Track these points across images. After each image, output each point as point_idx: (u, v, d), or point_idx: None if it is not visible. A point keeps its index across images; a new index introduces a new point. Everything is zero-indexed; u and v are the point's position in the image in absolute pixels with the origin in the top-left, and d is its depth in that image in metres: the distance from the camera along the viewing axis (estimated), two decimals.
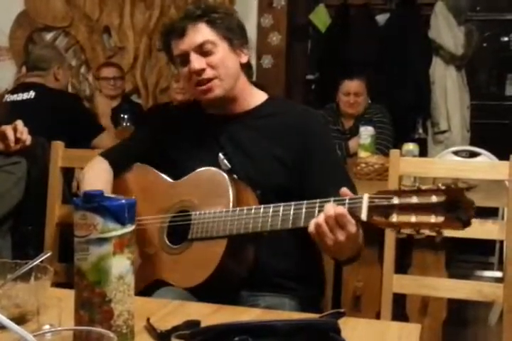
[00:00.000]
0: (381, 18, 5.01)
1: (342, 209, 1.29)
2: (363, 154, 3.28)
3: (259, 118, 1.67)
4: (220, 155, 1.64)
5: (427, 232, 1.21)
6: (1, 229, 2.02)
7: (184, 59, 1.62)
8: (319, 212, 1.33)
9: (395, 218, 1.22)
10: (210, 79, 1.61)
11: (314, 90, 5.04)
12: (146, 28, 4.49)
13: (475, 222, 1.80)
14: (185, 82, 1.66)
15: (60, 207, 2.05)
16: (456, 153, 3.94)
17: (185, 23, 1.61)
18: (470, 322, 3.39)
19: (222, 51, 1.61)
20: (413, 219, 1.20)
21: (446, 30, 4.67)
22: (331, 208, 1.30)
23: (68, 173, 2.37)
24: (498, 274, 3.81)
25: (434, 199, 1.18)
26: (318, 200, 1.36)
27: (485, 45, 5.30)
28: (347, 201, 1.31)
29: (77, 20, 4.57)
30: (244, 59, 1.67)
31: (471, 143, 4.52)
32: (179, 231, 1.58)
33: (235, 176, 1.59)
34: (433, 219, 1.18)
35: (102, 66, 4.28)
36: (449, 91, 4.69)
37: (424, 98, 4.71)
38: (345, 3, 5.02)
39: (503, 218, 3.18)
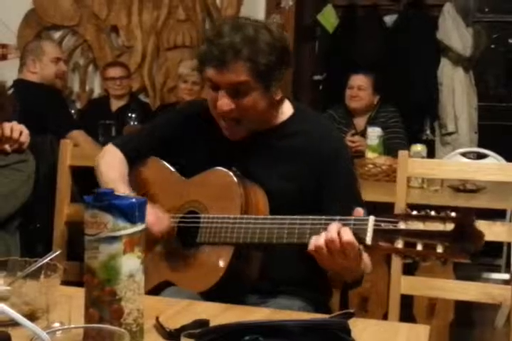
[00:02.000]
0: (389, 19, 5.00)
1: (350, 237, 1.27)
2: (370, 155, 3.27)
3: (281, 138, 1.61)
4: (233, 168, 1.59)
5: (432, 260, 1.18)
6: (9, 227, 2.02)
7: (214, 86, 1.53)
8: (324, 229, 1.31)
9: (400, 244, 1.19)
10: (237, 120, 1.55)
11: (321, 91, 5.04)
12: (154, 28, 4.49)
13: (483, 223, 1.80)
14: (210, 103, 1.58)
15: (68, 205, 2.05)
16: (463, 154, 3.93)
17: (227, 55, 1.46)
18: (477, 324, 3.37)
19: (255, 95, 1.52)
20: (419, 247, 1.17)
21: (454, 32, 4.67)
22: (335, 231, 1.28)
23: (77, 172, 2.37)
24: (506, 276, 3.80)
25: (441, 227, 1.15)
26: (324, 217, 1.35)
27: (493, 46, 5.29)
28: (352, 222, 1.29)
29: (85, 20, 4.57)
30: (278, 96, 1.57)
31: (479, 145, 4.51)
32: (187, 233, 1.58)
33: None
34: (439, 249, 1.16)
35: (108, 66, 4.28)
36: (457, 93, 4.69)
37: (431, 99, 4.70)
38: (353, 4, 5.02)
39: (510, 220, 3.18)
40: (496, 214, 2.89)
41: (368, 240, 1.25)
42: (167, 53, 4.52)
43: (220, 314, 1.27)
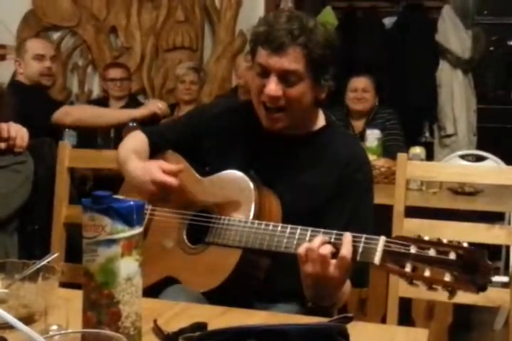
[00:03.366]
0: (388, 21, 5.02)
1: (326, 251, 1.29)
2: (369, 157, 3.26)
3: (308, 147, 1.60)
4: (252, 172, 1.59)
5: (439, 288, 1.17)
6: (7, 228, 2.01)
7: (264, 71, 1.51)
8: (333, 244, 1.32)
9: (408, 268, 1.19)
10: (279, 109, 1.53)
11: None
12: (153, 29, 4.50)
13: (481, 226, 1.80)
14: (253, 91, 1.56)
15: (67, 207, 2.05)
16: (462, 157, 3.93)
17: (285, 39, 1.46)
18: (476, 327, 3.37)
19: (304, 86, 1.51)
20: (427, 273, 1.17)
21: (453, 34, 4.68)
22: (317, 242, 1.31)
23: (75, 173, 2.37)
24: (505, 279, 3.79)
25: (452, 256, 1.15)
26: (335, 232, 1.34)
27: (492, 48, 5.30)
28: (363, 239, 1.30)
29: (84, 20, 4.58)
30: (322, 95, 1.56)
31: (478, 147, 4.52)
32: (197, 231, 1.57)
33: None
34: (447, 277, 1.15)
35: (109, 67, 4.27)
36: (456, 95, 4.69)
37: (430, 101, 4.71)
38: (352, 6, 5.03)
39: (509, 223, 3.18)
40: (494, 217, 2.89)
41: (377, 260, 1.25)
42: (166, 54, 4.52)
43: (219, 317, 1.26)
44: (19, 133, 2.01)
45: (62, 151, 2.07)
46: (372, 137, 3.35)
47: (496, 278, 4.04)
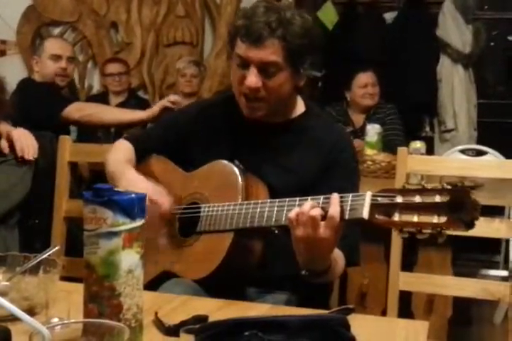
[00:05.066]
0: (389, 16, 5.01)
1: (316, 213, 1.30)
2: (369, 152, 3.27)
3: (289, 133, 1.64)
4: (236, 161, 1.61)
5: (429, 232, 1.19)
6: (8, 222, 2.02)
7: (243, 63, 1.54)
8: (322, 208, 1.33)
9: (397, 217, 1.20)
10: (259, 99, 1.56)
11: (321, 87, 5.04)
12: (154, 24, 4.49)
13: (481, 220, 1.80)
14: (234, 81, 1.60)
15: (67, 201, 2.05)
16: (462, 151, 3.94)
17: (263, 31, 1.49)
18: (475, 321, 3.38)
19: (283, 77, 1.54)
20: (415, 218, 1.18)
21: (453, 29, 4.67)
22: (307, 206, 1.31)
23: (76, 168, 2.37)
24: (504, 273, 3.80)
25: (437, 198, 1.16)
26: (322, 196, 1.35)
27: (492, 43, 5.28)
28: (350, 198, 1.31)
29: (84, 16, 4.57)
30: (301, 83, 1.60)
31: (478, 142, 4.52)
32: (189, 224, 1.59)
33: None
34: (435, 219, 1.16)
35: (107, 62, 4.28)
36: (456, 90, 4.69)
37: (431, 96, 4.70)
38: (353, 1, 5.02)
39: (509, 217, 3.18)
40: (494, 211, 2.89)
41: (365, 215, 1.26)
42: (166, 49, 4.52)
43: (219, 310, 1.27)
44: (29, 143, 2.03)
45: (63, 145, 2.07)
46: (373, 132, 3.35)
47: (495, 272, 4.06)
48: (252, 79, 1.53)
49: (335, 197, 1.32)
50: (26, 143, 2.05)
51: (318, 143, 1.62)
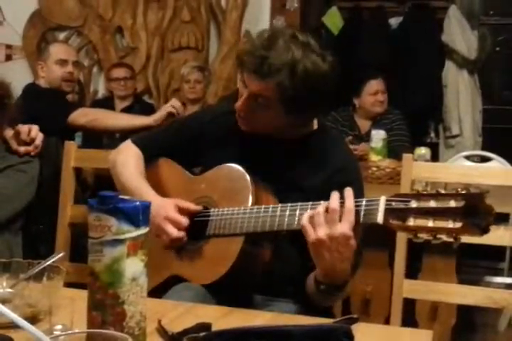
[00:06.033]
0: (394, 22, 5.01)
1: (335, 205, 1.29)
2: (374, 158, 3.27)
3: (299, 148, 1.62)
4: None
5: (444, 238, 1.19)
6: (12, 227, 2.02)
7: (244, 83, 1.55)
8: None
9: (411, 222, 1.20)
10: (246, 119, 1.58)
11: None
12: (159, 29, 4.50)
13: None
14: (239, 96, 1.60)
15: (72, 207, 2.05)
16: (467, 157, 3.93)
17: (263, 68, 1.47)
18: (479, 328, 3.37)
19: (272, 113, 1.53)
20: (430, 223, 1.18)
21: (459, 34, 4.67)
22: (322, 206, 1.31)
23: (81, 173, 2.37)
24: (509, 280, 3.80)
25: (452, 204, 1.16)
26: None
27: (498, 49, 5.28)
28: (364, 203, 1.31)
29: (90, 20, 4.58)
30: (298, 122, 1.58)
31: (483, 148, 4.50)
32: (198, 227, 1.58)
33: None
34: (451, 224, 1.16)
35: (113, 67, 4.29)
36: (462, 96, 4.68)
37: (436, 102, 4.70)
38: (358, 6, 5.03)
39: None
40: (499, 218, 2.88)
41: (380, 219, 1.25)
42: (171, 54, 4.53)
43: (223, 317, 1.26)
44: (38, 135, 2.02)
45: (68, 151, 2.07)
46: (378, 138, 3.35)
47: (499, 279, 4.05)
48: (240, 102, 1.55)
49: (348, 189, 1.32)
50: (30, 127, 2.04)
51: (327, 162, 1.60)
